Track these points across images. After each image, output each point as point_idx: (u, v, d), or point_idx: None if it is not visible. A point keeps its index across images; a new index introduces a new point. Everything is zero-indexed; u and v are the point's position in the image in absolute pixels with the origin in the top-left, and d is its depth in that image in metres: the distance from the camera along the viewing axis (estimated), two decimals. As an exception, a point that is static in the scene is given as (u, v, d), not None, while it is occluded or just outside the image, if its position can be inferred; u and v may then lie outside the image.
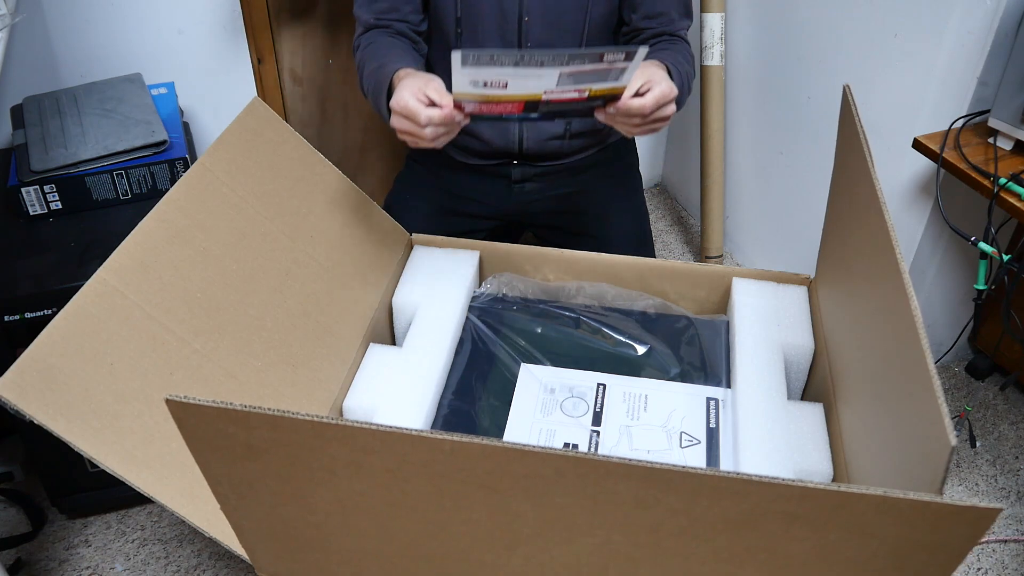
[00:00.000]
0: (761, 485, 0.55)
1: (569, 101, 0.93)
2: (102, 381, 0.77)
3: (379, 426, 0.58)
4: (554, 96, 0.91)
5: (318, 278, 1.04)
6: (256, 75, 1.93)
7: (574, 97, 0.92)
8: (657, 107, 0.96)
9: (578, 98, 0.92)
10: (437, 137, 0.95)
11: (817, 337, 1.03)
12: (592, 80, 0.89)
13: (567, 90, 0.90)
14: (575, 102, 0.94)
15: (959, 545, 0.56)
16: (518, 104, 0.92)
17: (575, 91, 0.91)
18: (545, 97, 0.91)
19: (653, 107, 0.96)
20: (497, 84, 0.87)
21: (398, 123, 0.96)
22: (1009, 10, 1.37)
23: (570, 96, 0.92)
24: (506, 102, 0.91)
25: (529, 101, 0.92)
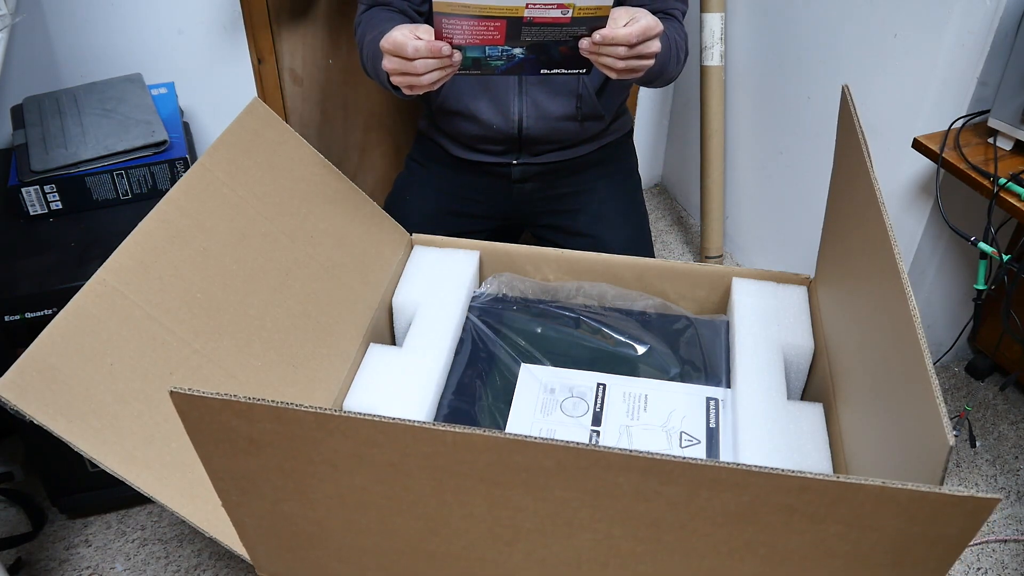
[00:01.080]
0: (761, 476, 0.55)
1: (552, 22, 0.93)
2: (102, 381, 0.77)
3: (382, 418, 0.58)
4: (537, 14, 0.91)
5: (318, 278, 1.04)
6: (256, 75, 1.93)
7: (557, 17, 0.92)
8: (643, 39, 0.96)
9: (561, 18, 0.92)
10: (429, 72, 0.95)
11: (817, 337, 1.03)
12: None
13: (549, 5, 0.90)
14: (558, 23, 0.93)
15: (958, 537, 0.56)
16: (501, 28, 0.93)
17: (557, 7, 0.91)
18: (528, 14, 0.91)
19: (639, 37, 0.95)
20: None
21: (389, 63, 0.97)
22: (1009, 10, 1.37)
23: (553, 16, 0.92)
24: (488, 20, 0.91)
25: (511, 20, 0.92)
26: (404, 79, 0.97)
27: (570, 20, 0.94)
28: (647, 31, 0.96)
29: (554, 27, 0.94)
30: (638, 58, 0.98)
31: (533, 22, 0.93)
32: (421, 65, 0.94)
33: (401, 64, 0.95)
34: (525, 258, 1.17)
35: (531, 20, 0.92)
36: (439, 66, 0.96)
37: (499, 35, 0.94)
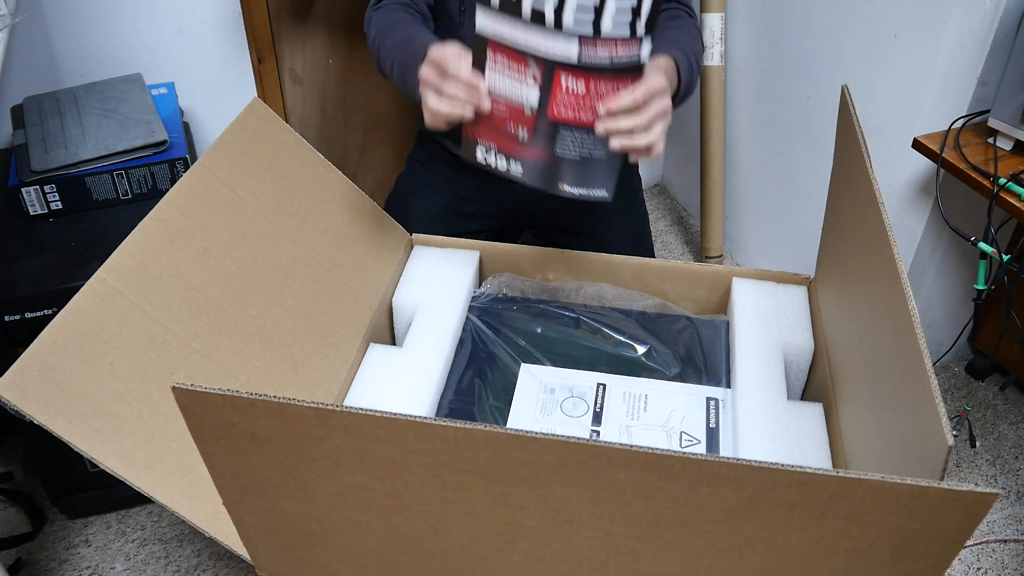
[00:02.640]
0: (761, 471, 0.55)
1: (576, 123, 0.92)
2: (102, 381, 0.77)
3: (383, 413, 0.58)
4: (563, 112, 0.92)
5: (318, 278, 1.04)
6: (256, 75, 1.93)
7: (583, 120, 0.92)
8: (648, 98, 0.91)
9: (586, 120, 0.92)
10: (453, 98, 0.92)
11: (817, 337, 1.03)
12: (605, 69, 0.89)
13: (579, 98, 0.90)
14: (582, 125, 0.93)
15: (957, 533, 0.56)
16: (526, 116, 0.93)
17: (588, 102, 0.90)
18: (558, 110, 0.92)
19: (642, 98, 0.91)
20: (514, 34, 0.88)
21: (426, 72, 0.93)
22: (1009, 10, 1.37)
23: (580, 117, 0.92)
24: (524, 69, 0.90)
25: (540, 110, 0.92)
26: (429, 90, 0.94)
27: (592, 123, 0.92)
28: (650, 91, 0.91)
29: (577, 129, 0.93)
30: (651, 120, 0.92)
31: (560, 121, 0.92)
32: (451, 88, 0.92)
33: (436, 77, 0.92)
34: (525, 258, 1.17)
35: (559, 119, 0.92)
36: (467, 99, 0.92)
37: (525, 120, 0.93)
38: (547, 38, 0.87)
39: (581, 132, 0.93)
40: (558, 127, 0.93)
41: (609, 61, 0.88)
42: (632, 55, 0.88)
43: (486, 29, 0.89)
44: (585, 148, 0.95)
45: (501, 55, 0.90)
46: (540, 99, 0.91)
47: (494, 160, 0.98)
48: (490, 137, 0.97)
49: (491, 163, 0.99)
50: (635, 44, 0.87)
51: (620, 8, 0.85)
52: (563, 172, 0.97)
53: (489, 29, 0.89)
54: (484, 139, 0.97)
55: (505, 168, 0.98)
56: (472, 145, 0.99)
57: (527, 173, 0.98)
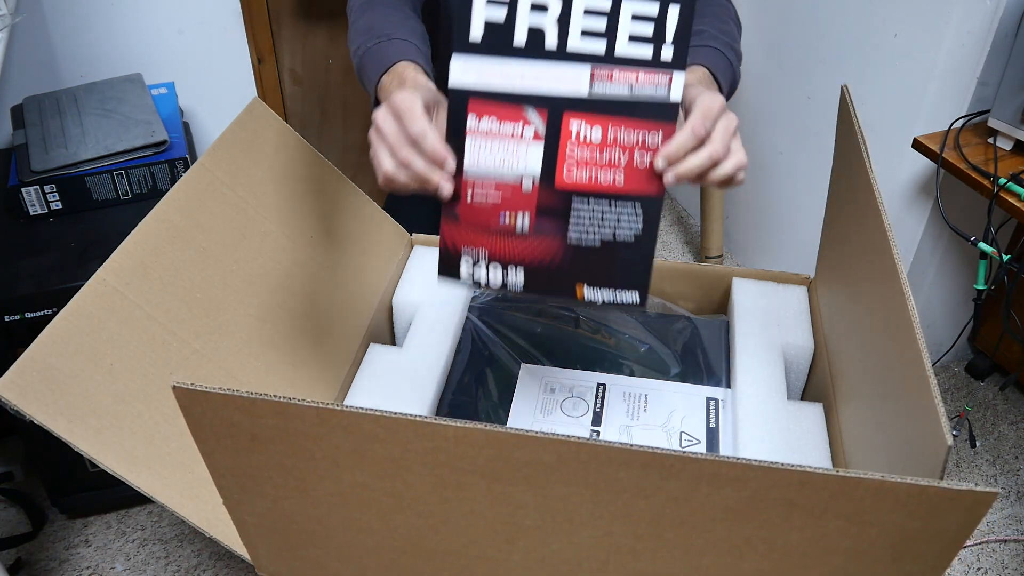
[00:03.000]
0: (761, 470, 0.55)
1: (594, 189, 0.72)
2: (102, 381, 0.77)
3: (383, 412, 0.58)
4: (576, 173, 0.71)
5: (318, 278, 1.04)
6: (256, 75, 1.94)
7: (602, 183, 0.71)
8: (709, 122, 0.72)
9: (605, 184, 0.72)
10: (407, 165, 0.71)
11: (817, 337, 1.03)
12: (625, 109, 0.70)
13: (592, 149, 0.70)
14: (601, 192, 0.72)
15: (957, 532, 0.56)
16: (524, 195, 0.71)
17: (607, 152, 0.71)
18: (570, 172, 0.71)
19: (703, 127, 0.71)
20: (505, 74, 0.69)
21: (383, 121, 0.72)
22: (1009, 10, 1.37)
23: (598, 179, 0.72)
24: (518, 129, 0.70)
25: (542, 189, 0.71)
26: (382, 147, 0.72)
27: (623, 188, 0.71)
28: (707, 114, 0.72)
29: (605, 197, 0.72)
30: (722, 153, 0.72)
31: (575, 189, 0.71)
32: (406, 154, 0.71)
33: (395, 133, 0.71)
34: (525, 258, 1.17)
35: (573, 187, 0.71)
36: (425, 172, 0.71)
37: (525, 203, 0.71)
38: (549, 68, 0.68)
39: (601, 202, 0.72)
40: (571, 199, 0.72)
41: (629, 91, 0.69)
42: (658, 90, 0.69)
43: (465, 80, 0.69)
44: (607, 226, 0.73)
45: (487, 112, 0.70)
46: (544, 161, 0.70)
47: (484, 275, 0.75)
48: (476, 240, 0.74)
49: (482, 279, 0.75)
50: (662, 74, 0.69)
51: (638, 21, 0.68)
52: (581, 268, 0.74)
53: (469, 79, 0.69)
54: (468, 245, 0.74)
55: (500, 281, 0.74)
56: (453, 259, 0.75)
57: (532, 281, 0.74)
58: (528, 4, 0.67)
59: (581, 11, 0.68)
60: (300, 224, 1.04)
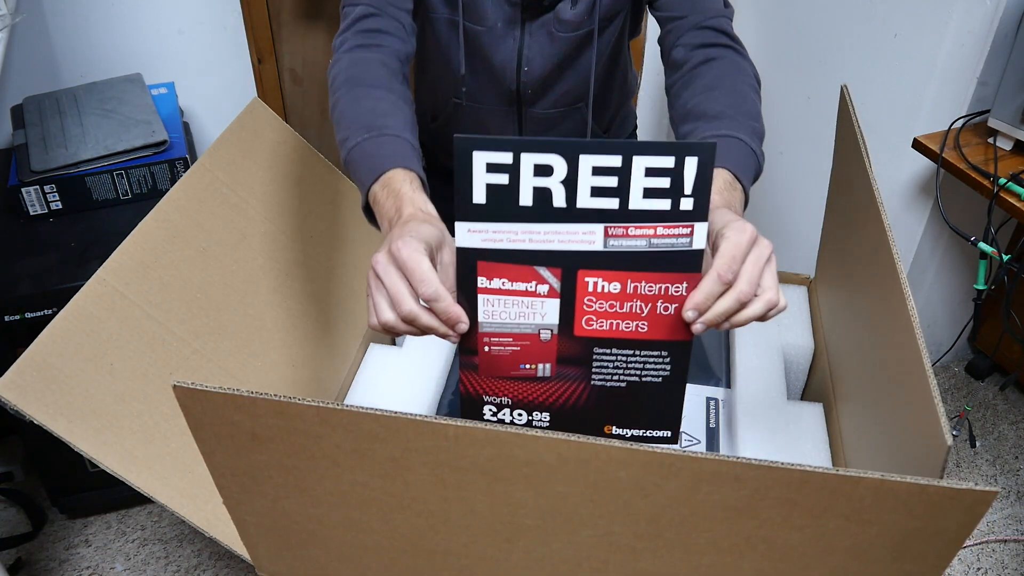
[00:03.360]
0: (761, 469, 0.55)
1: (615, 337, 0.69)
2: (102, 381, 0.77)
3: (383, 411, 0.58)
4: (594, 325, 0.68)
5: (318, 278, 1.04)
6: (256, 75, 1.94)
7: (622, 332, 0.68)
8: (734, 266, 0.67)
9: (626, 332, 0.69)
10: (412, 321, 0.67)
11: (817, 337, 1.03)
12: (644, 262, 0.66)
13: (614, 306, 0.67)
14: (623, 339, 0.69)
15: (957, 531, 0.56)
16: (543, 344, 0.69)
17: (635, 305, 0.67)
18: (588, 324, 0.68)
19: (730, 270, 0.66)
20: (512, 237, 0.65)
21: (386, 274, 0.68)
22: (1009, 10, 1.37)
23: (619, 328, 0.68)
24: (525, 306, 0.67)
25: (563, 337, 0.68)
26: (380, 295, 0.68)
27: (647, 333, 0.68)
28: (738, 246, 0.67)
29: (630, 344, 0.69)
30: (753, 293, 0.67)
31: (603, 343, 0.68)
32: (409, 308, 0.67)
33: (397, 286, 0.67)
34: (525, 258, 1.17)
35: None
36: (428, 327, 0.68)
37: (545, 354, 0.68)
38: (560, 228, 0.64)
39: (623, 349, 0.69)
40: (592, 348, 0.69)
41: (647, 244, 0.65)
42: (679, 241, 0.65)
43: (472, 243, 0.66)
44: (633, 370, 0.70)
45: (498, 273, 0.67)
46: (562, 314, 0.68)
47: (510, 416, 0.73)
48: (498, 389, 0.72)
49: (507, 420, 0.74)
50: (682, 226, 0.65)
51: (653, 170, 0.63)
52: (608, 410, 0.72)
53: (476, 242, 0.66)
54: (490, 393, 0.72)
55: (525, 422, 0.74)
56: (476, 404, 0.73)
57: (559, 422, 0.73)
58: (531, 167, 0.63)
59: (589, 169, 0.63)
60: (300, 224, 1.04)
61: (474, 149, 0.63)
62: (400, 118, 0.85)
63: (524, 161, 0.63)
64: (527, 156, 0.63)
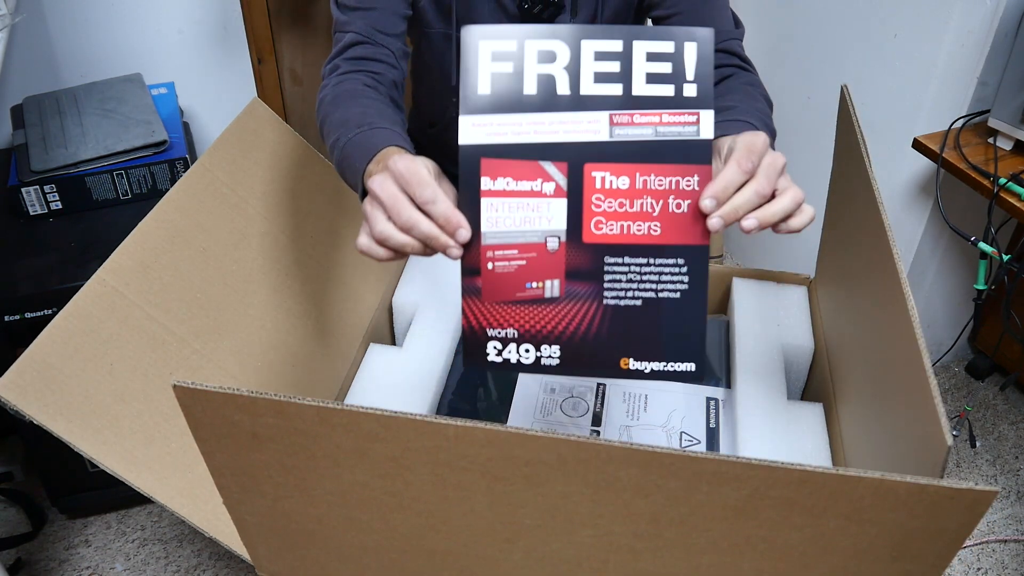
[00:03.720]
0: (761, 468, 0.55)
1: (627, 242, 0.65)
2: (102, 381, 0.77)
3: (383, 411, 0.58)
4: (604, 227, 0.65)
5: (318, 278, 1.04)
6: (256, 75, 1.94)
7: (635, 235, 0.65)
8: (752, 158, 0.66)
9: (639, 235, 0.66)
10: (410, 228, 0.64)
11: (817, 337, 1.03)
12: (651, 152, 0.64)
13: None
14: (635, 244, 0.65)
15: (957, 531, 0.56)
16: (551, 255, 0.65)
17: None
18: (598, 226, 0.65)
19: (749, 160, 0.65)
20: (517, 129, 0.64)
21: (382, 186, 0.65)
22: (1009, 10, 1.37)
23: (630, 230, 0.65)
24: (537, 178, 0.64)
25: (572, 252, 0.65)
26: (379, 216, 0.66)
27: None
28: (752, 147, 0.67)
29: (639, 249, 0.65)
30: (767, 198, 0.66)
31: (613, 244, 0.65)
32: (409, 216, 0.64)
33: (396, 199, 0.65)
34: (525, 258, 1.17)
35: None
36: (428, 239, 0.65)
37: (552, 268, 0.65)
38: (565, 116, 0.63)
39: (637, 257, 0.66)
40: (603, 257, 0.65)
41: (654, 133, 0.64)
42: (686, 129, 0.64)
43: (475, 139, 0.64)
44: (648, 283, 0.66)
45: (502, 172, 0.64)
46: (570, 216, 0.65)
47: (516, 354, 0.67)
48: (503, 318, 0.67)
49: (513, 360, 0.68)
50: (688, 113, 0.64)
51: (653, 55, 0.63)
52: (623, 337, 0.67)
53: (480, 137, 0.64)
54: (495, 326, 0.67)
55: (533, 360, 0.68)
56: (479, 343, 0.68)
57: (570, 356, 0.67)
58: (535, 52, 0.63)
59: (591, 54, 0.63)
60: (300, 224, 1.04)
61: (481, 39, 0.63)
62: (389, 119, 0.85)
63: (528, 48, 0.63)
64: (531, 43, 0.63)
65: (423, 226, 0.64)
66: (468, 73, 0.63)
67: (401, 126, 0.86)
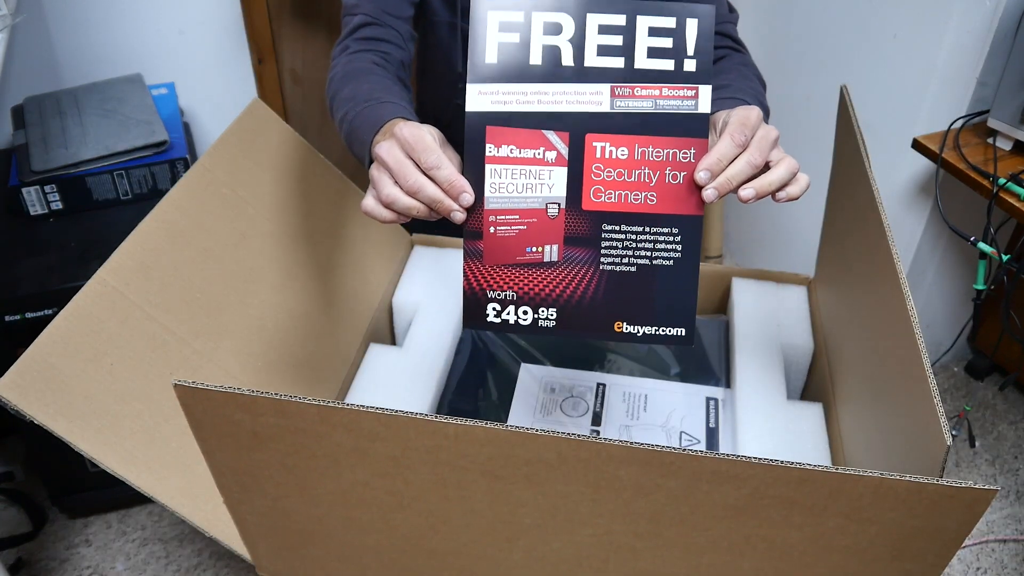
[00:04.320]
0: (761, 467, 0.55)
1: (624, 210, 0.68)
2: (102, 381, 0.77)
3: (384, 410, 0.59)
4: (603, 196, 0.67)
5: (318, 278, 1.04)
6: (256, 75, 1.94)
7: (632, 204, 0.68)
8: (745, 131, 0.68)
9: (635, 204, 0.68)
10: (416, 192, 0.67)
11: (816, 337, 1.03)
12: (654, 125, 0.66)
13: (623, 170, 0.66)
14: (632, 212, 0.68)
15: (956, 530, 0.56)
16: (551, 220, 0.67)
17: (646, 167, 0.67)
18: (597, 194, 0.67)
19: (742, 133, 0.68)
20: (522, 97, 0.66)
21: (388, 151, 0.68)
22: (1009, 10, 1.37)
23: (627, 200, 0.68)
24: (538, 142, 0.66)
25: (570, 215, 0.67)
26: (386, 180, 0.68)
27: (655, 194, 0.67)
28: (746, 120, 0.69)
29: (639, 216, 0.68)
30: (759, 169, 0.69)
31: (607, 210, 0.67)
32: (415, 181, 0.67)
33: (401, 164, 0.67)
34: (525, 258, 1.17)
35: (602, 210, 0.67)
36: (433, 202, 0.67)
37: (551, 233, 0.67)
38: (568, 87, 0.65)
39: (633, 225, 0.68)
40: (600, 224, 0.68)
41: (653, 105, 0.66)
42: (685, 103, 0.66)
43: (482, 106, 0.66)
44: (643, 251, 0.69)
45: (506, 139, 0.67)
46: (569, 185, 0.67)
47: (514, 315, 0.70)
48: (502, 280, 0.69)
49: (511, 321, 0.70)
50: (687, 87, 0.66)
51: (656, 30, 0.64)
52: (617, 301, 0.70)
53: (485, 104, 0.66)
54: (495, 288, 0.69)
55: (531, 321, 0.70)
56: (479, 303, 0.70)
57: (566, 321, 0.70)
58: (541, 24, 0.65)
59: (596, 27, 0.65)
60: (300, 224, 1.04)
61: (490, 9, 0.65)
62: (395, 92, 0.87)
63: (535, 19, 0.65)
64: (537, 15, 0.65)
65: (428, 190, 0.66)
66: (476, 42, 0.66)
67: (408, 101, 0.88)
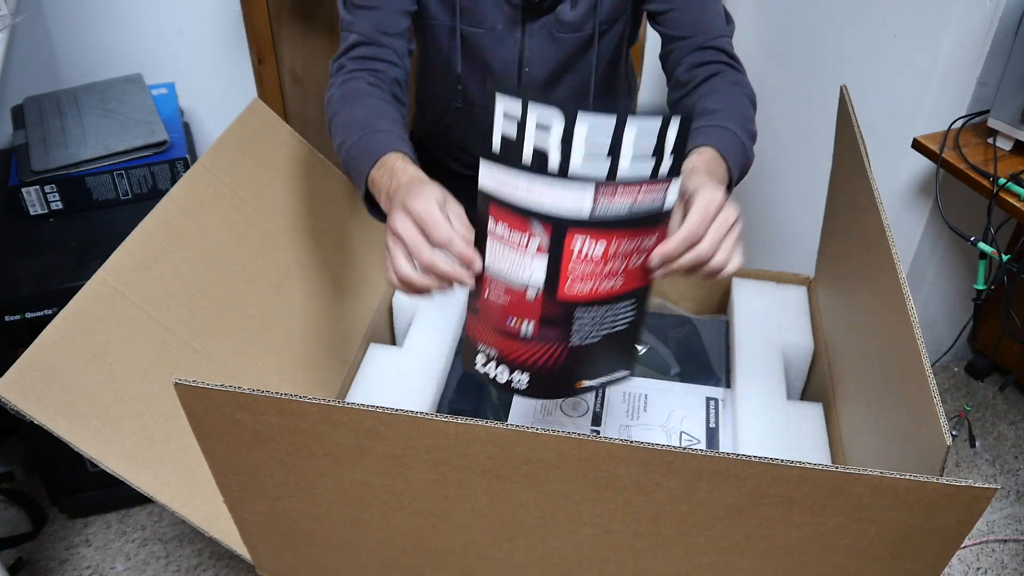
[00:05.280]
0: (760, 466, 0.55)
1: (595, 298, 0.72)
2: (102, 381, 0.77)
3: (384, 409, 0.59)
4: (577, 286, 0.71)
5: (318, 278, 1.04)
6: (256, 75, 1.94)
7: (600, 292, 0.72)
8: (703, 225, 0.73)
9: (604, 291, 0.72)
10: (430, 268, 0.71)
11: (816, 337, 1.03)
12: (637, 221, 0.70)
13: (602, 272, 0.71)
14: (601, 299, 0.72)
15: (956, 529, 0.56)
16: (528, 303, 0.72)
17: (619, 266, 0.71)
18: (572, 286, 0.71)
19: (700, 228, 0.72)
20: (516, 187, 0.69)
21: (402, 227, 0.73)
22: (1009, 10, 1.37)
23: (598, 289, 0.72)
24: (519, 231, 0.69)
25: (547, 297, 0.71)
26: (399, 255, 0.73)
27: None
28: (707, 209, 0.73)
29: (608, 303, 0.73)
30: (714, 253, 0.74)
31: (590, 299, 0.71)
32: (429, 256, 0.71)
33: (417, 241, 0.72)
34: (525, 258, 1.17)
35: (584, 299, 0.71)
36: (448, 275, 0.72)
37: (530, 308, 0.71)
38: (553, 188, 0.67)
39: (601, 307, 0.73)
40: (573, 310, 0.72)
41: (629, 209, 0.69)
42: (655, 203, 0.70)
43: (488, 185, 0.69)
44: (605, 326, 0.75)
45: (502, 219, 0.70)
46: (548, 274, 0.70)
47: (494, 371, 0.76)
48: (489, 338, 0.75)
49: (491, 375, 0.77)
50: (659, 188, 0.69)
51: (641, 139, 0.66)
52: (581, 367, 0.77)
53: (490, 185, 0.69)
54: (483, 342, 0.76)
55: (506, 379, 0.76)
56: (472, 351, 0.78)
57: (535, 386, 0.76)
58: (534, 122, 0.66)
59: (584, 132, 0.65)
60: (300, 224, 1.04)
61: (497, 91, 0.66)
62: (389, 120, 0.91)
63: (530, 114, 0.66)
64: (533, 108, 0.65)
65: (441, 265, 0.71)
66: (490, 124, 0.68)
67: (401, 125, 0.93)
